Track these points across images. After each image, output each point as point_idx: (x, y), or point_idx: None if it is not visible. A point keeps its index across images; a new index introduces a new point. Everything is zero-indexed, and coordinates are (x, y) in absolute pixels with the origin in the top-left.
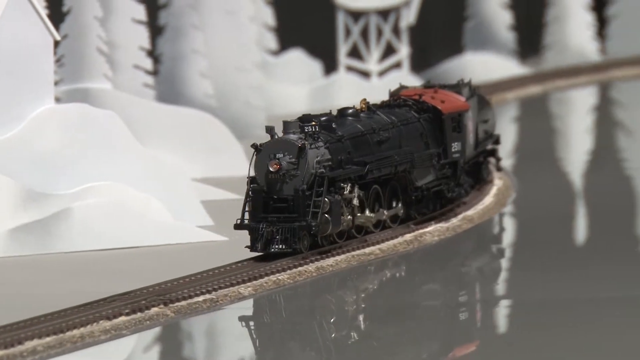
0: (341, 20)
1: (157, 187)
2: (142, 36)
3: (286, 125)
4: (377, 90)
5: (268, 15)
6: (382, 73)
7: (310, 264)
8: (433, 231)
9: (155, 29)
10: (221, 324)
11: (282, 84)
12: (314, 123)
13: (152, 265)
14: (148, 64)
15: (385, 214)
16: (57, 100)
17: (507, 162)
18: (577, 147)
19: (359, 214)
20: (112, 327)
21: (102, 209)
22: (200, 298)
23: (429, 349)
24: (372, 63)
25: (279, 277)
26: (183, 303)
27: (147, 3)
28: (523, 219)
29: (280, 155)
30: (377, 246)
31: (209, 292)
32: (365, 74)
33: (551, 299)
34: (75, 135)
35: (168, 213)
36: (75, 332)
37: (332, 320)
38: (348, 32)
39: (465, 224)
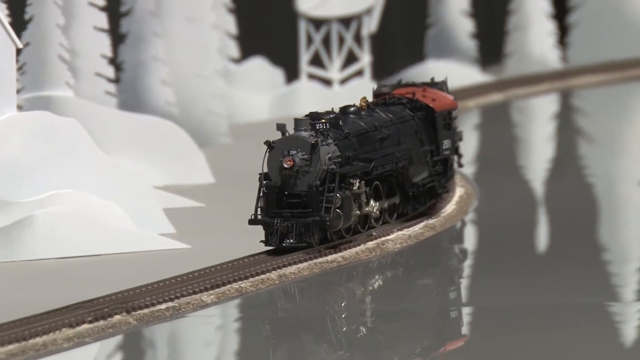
0: (303, 28)
1: (120, 195)
2: (104, 44)
3: (297, 122)
4: (340, 98)
5: (230, 23)
6: (344, 81)
7: (273, 271)
8: (395, 239)
9: (117, 37)
10: (184, 332)
11: (243, 91)
12: (324, 120)
13: (114, 273)
14: (110, 71)
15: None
16: (20, 108)
17: (468, 170)
18: (538, 155)
19: (367, 208)
20: (75, 335)
21: (65, 217)
22: (163, 306)
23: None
24: (334, 71)
25: (242, 285)
26: (145, 311)
27: (109, 11)
28: (486, 227)
29: (294, 152)
30: (340, 254)
31: (171, 299)
32: (327, 82)
33: (515, 305)
34: (37, 143)
35: (130, 221)
36: (38, 339)
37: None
38: (310, 40)
39: (427, 232)
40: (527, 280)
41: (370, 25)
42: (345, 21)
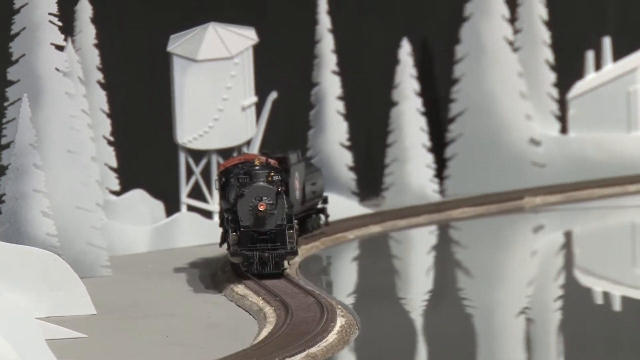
0: (182, 160)
1: (1, 325)
2: None
3: (256, 175)
4: (219, 230)
5: (110, 155)
6: None
7: None
8: None
9: None
10: None
11: (123, 223)
12: (273, 174)
13: None
14: None
15: None
16: None
17: (348, 300)
18: (418, 287)
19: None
20: None
21: None
22: None
23: None
24: (214, 203)
25: None
26: None
27: None
28: (366, 356)
29: (265, 198)
30: None
31: None
32: (207, 214)
33: None
34: None
35: (13, 351)
36: None
37: None
38: (190, 172)
39: None
40: None
41: None
42: (225, 153)
